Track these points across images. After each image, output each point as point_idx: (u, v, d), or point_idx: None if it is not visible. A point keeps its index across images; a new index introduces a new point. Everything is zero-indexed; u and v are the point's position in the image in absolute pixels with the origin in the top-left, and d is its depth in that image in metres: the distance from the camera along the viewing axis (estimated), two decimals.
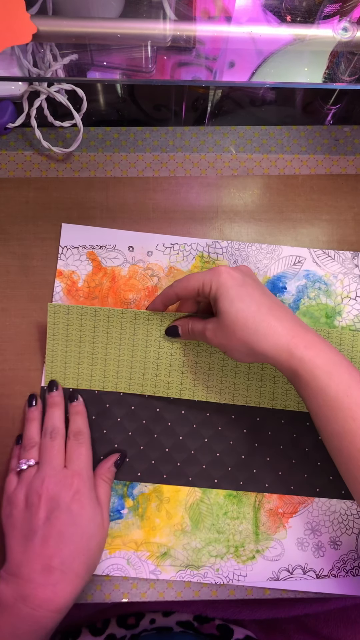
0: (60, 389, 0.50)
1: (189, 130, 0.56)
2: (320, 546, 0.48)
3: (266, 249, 0.53)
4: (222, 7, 0.45)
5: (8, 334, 0.51)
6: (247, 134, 0.56)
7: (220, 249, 0.53)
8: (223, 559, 0.47)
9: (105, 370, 0.50)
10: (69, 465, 0.45)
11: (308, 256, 0.53)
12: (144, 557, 0.47)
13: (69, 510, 0.43)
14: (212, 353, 0.50)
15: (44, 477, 0.44)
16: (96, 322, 0.50)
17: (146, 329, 0.50)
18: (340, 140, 0.56)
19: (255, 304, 0.41)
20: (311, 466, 0.49)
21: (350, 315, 0.51)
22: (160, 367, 0.50)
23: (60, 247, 0.52)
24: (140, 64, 0.47)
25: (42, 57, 0.48)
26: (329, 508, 0.48)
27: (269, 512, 0.48)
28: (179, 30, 0.43)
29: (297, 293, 0.52)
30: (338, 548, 0.48)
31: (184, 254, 0.53)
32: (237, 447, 0.49)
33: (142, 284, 0.52)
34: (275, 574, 0.47)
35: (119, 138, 0.56)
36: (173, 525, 0.48)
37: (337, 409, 0.38)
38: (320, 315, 0.51)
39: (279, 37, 0.44)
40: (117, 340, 0.50)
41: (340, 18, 0.43)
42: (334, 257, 0.53)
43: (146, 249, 0.53)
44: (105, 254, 0.52)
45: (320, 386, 0.39)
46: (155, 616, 0.53)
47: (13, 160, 0.55)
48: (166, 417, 0.50)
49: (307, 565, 0.47)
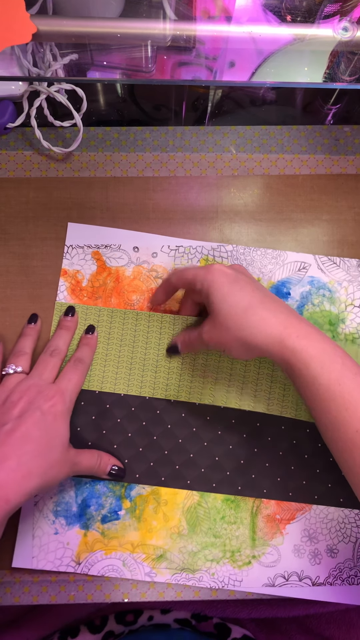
0: (76, 316, 0.50)
1: (189, 130, 0.56)
2: (317, 554, 0.48)
3: (271, 254, 0.53)
4: (222, 7, 0.45)
5: (8, 334, 0.51)
6: (248, 134, 0.56)
7: (225, 252, 0.53)
8: (219, 563, 0.47)
9: (105, 370, 0.50)
10: (57, 382, 0.45)
11: (313, 262, 0.53)
12: (139, 559, 0.47)
13: (42, 417, 0.42)
14: (209, 355, 0.50)
15: (30, 385, 0.44)
16: (99, 322, 0.50)
17: (147, 330, 0.50)
18: (341, 140, 0.56)
19: (247, 298, 0.42)
20: (310, 473, 0.49)
21: (353, 323, 0.51)
22: (160, 369, 0.50)
23: (65, 246, 0.52)
24: (140, 63, 0.47)
25: (42, 57, 0.48)
26: (327, 516, 0.48)
27: (266, 518, 0.48)
28: (179, 30, 0.43)
29: (301, 299, 0.52)
30: (335, 556, 0.47)
31: (189, 257, 0.53)
32: (237, 452, 0.49)
33: (145, 285, 0.52)
34: (271, 580, 0.47)
35: (119, 138, 0.56)
36: (170, 528, 0.48)
37: (329, 400, 0.38)
38: (324, 322, 0.51)
39: (279, 37, 0.44)
40: (119, 340, 0.50)
41: (341, 18, 0.43)
42: (339, 264, 0.53)
43: (151, 250, 0.53)
44: (110, 254, 0.52)
45: (313, 375, 0.39)
46: (154, 613, 0.53)
47: (13, 160, 0.55)
48: (166, 419, 0.49)
49: (303, 573, 0.47)
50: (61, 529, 0.47)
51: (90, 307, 0.50)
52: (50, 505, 0.48)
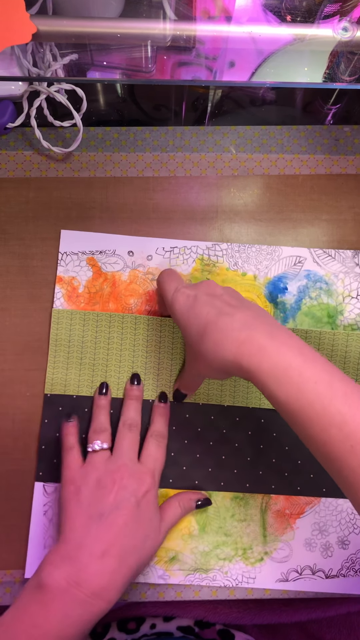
0: (141, 384, 0.49)
1: (189, 130, 0.56)
2: (328, 546, 0.48)
3: (266, 250, 0.53)
4: (222, 7, 0.45)
5: (8, 334, 0.51)
6: (247, 134, 0.56)
7: (220, 251, 0.53)
8: (231, 561, 0.47)
9: (107, 376, 0.50)
10: (143, 462, 0.45)
11: (308, 256, 0.53)
12: (152, 562, 0.47)
13: (137, 506, 0.42)
14: None
15: (120, 466, 0.43)
16: (98, 327, 0.50)
17: (146, 334, 0.50)
18: (341, 140, 0.56)
19: (202, 322, 0.39)
20: (317, 466, 0.48)
21: (352, 314, 0.51)
22: (162, 371, 0.50)
23: (59, 253, 0.52)
24: (140, 63, 0.47)
25: (42, 57, 0.48)
26: (336, 508, 0.48)
27: (275, 514, 0.48)
28: (179, 30, 0.43)
29: (298, 293, 0.52)
30: (346, 548, 0.48)
31: (184, 258, 0.53)
32: (243, 450, 0.49)
33: (142, 289, 0.52)
34: (284, 575, 0.47)
35: (118, 138, 0.56)
36: (180, 529, 0.48)
37: (292, 415, 0.35)
38: (322, 315, 0.51)
39: (279, 37, 0.44)
40: (118, 345, 0.50)
41: (341, 18, 0.43)
42: (334, 256, 0.53)
43: (146, 253, 0.53)
44: (105, 260, 0.52)
45: (270, 394, 0.36)
46: (156, 621, 0.53)
47: (13, 160, 0.55)
48: (170, 421, 0.49)
49: (315, 566, 0.47)
50: None
51: (88, 313, 0.50)
52: None
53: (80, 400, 0.49)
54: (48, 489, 0.48)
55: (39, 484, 0.48)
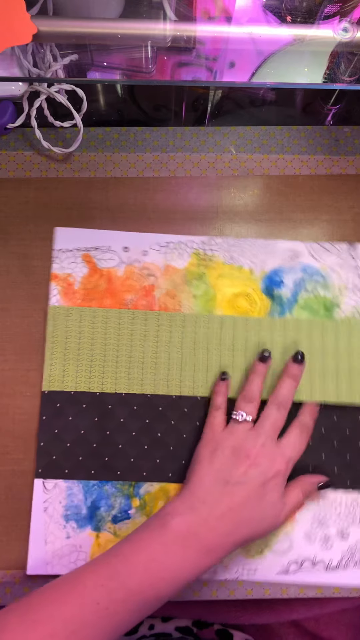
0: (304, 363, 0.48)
1: (189, 131, 0.56)
2: (328, 538, 0.48)
3: (261, 244, 0.53)
4: (222, 7, 0.45)
5: (8, 334, 0.51)
6: (248, 134, 0.56)
7: (215, 245, 0.53)
8: (231, 555, 0.47)
9: (104, 371, 0.50)
10: (282, 447, 0.45)
11: (304, 249, 0.53)
12: None
13: (263, 486, 0.43)
14: (210, 350, 0.50)
15: (258, 443, 0.44)
16: (94, 323, 0.50)
17: (144, 329, 0.50)
18: (341, 140, 0.56)
19: None
20: (316, 459, 0.49)
21: (348, 306, 0.52)
22: (159, 366, 0.50)
23: (54, 251, 0.52)
24: (140, 64, 0.47)
25: (42, 57, 0.48)
26: (335, 499, 0.49)
27: None
28: (179, 31, 0.43)
29: (294, 287, 0.52)
30: (346, 539, 0.48)
31: (179, 252, 0.53)
32: None
33: (139, 284, 0.52)
34: (285, 568, 0.47)
35: (119, 138, 0.56)
36: None
37: None
38: (319, 308, 0.52)
39: (279, 37, 0.44)
40: (116, 340, 0.50)
41: (341, 18, 0.43)
42: (330, 249, 0.53)
43: (141, 249, 0.53)
44: (100, 256, 0.52)
45: None
46: (154, 622, 0.53)
47: (13, 160, 0.55)
48: (169, 415, 0.50)
49: (315, 558, 0.47)
50: (73, 532, 0.47)
51: (84, 309, 0.50)
52: (60, 510, 0.48)
53: (78, 396, 0.49)
54: (48, 486, 0.48)
55: (39, 481, 0.48)
